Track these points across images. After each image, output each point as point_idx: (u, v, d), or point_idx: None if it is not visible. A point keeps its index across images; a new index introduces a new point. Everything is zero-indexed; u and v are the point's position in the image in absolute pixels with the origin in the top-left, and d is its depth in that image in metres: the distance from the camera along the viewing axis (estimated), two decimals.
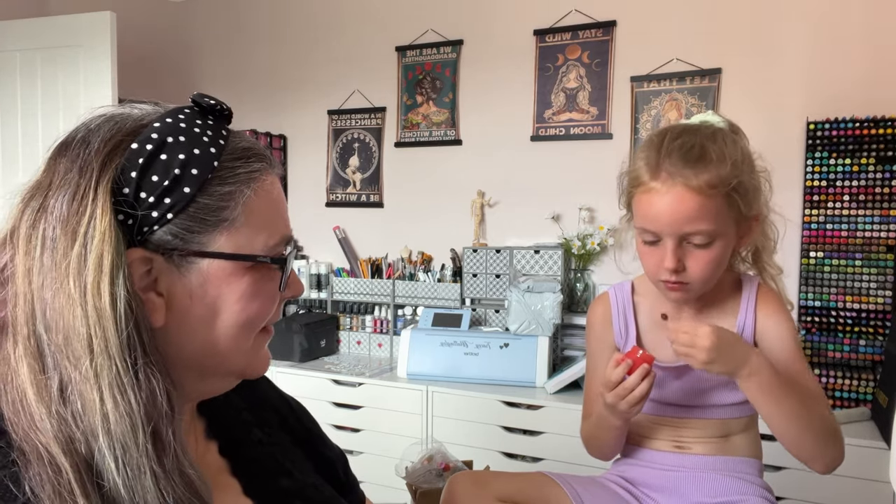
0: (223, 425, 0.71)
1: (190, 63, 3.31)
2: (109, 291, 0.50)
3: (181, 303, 0.56)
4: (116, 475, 0.48)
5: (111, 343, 0.50)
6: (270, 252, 0.60)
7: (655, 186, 1.02)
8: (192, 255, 0.56)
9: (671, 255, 1.02)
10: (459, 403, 2.23)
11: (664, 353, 1.15)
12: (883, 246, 2.05)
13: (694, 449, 1.15)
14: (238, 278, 0.58)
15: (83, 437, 0.49)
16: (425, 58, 2.79)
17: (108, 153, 0.53)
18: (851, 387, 1.98)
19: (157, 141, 0.55)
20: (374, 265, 2.81)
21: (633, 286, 1.22)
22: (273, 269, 0.61)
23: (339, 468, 0.83)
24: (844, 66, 2.16)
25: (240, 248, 0.58)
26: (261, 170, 0.60)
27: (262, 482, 0.68)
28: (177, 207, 0.54)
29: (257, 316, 0.60)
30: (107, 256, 0.50)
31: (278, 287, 0.62)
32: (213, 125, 0.59)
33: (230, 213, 0.57)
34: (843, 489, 1.76)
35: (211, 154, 0.57)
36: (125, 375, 0.50)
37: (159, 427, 0.50)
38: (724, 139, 1.04)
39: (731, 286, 1.15)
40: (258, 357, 0.64)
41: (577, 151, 2.55)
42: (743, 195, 1.02)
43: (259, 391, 0.79)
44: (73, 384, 0.49)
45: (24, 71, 2.68)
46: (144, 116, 0.58)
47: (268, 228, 0.60)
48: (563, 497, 1.17)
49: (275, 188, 0.62)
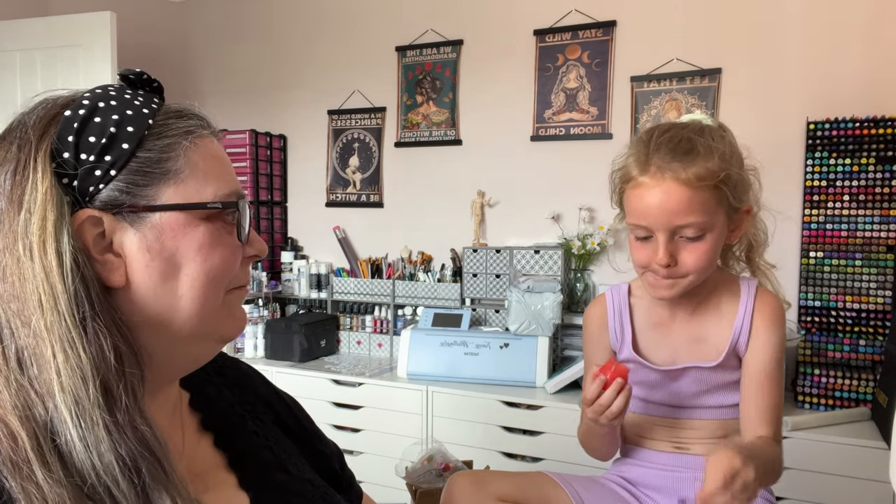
0: (216, 418, 0.70)
1: (190, 63, 3.31)
2: (55, 249, 0.51)
3: (139, 259, 0.56)
4: (71, 427, 0.49)
5: (60, 299, 0.51)
6: (222, 200, 0.60)
7: (645, 181, 1.03)
8: (142, 209, 0.56)
9: (663, 249, 1.03)
10: (459, 403, 2.23)
11: (660, 356, 1.15)
12: (883, 246, 2.05)
13: (693, 449, 1.15)
14: (193, 228, 0.58)
15: (39, 398, 0.50)
16: (425, 58, 2.79)
17: (45, 125, 0.56)
18: (851, 387, 1.98)
19: (89, 106, 0.57)
20: (374, 265, 2.81)
21: (630, 288, 1.22)
22: (228, 221, 0.61)
23: (335, 462, 0.83)
24: (844, 66, 2.16)
25: (189, 198, 0.59)
26: (197, 126, 0.61)
27: (257, 476, 0.68)
28: (118, 164, 0.56)
29: (221, 266, 0.60)
30: (49, 216, 0.52)
31: (237, 237, 0.62)
32: (143, 94, 0.61)
33: (173, 164, 0.58)
34: (843, 489, 1.76)
35: (144, 113, 0.58)
36: (73, 330, 0.51)
37: (108, 381, 0.51)
38: (712, 134, 1.05)
39: (726, 288, 1.15)
40: (232, 316, 0.64)
41: (577, 151, 2.55)
42: (732, 188, 1.03)
43: (252, 387, 0.78)
44: (28, 347, 0.51)
45: (24, 71, 2.69)
46: (76, 93, 0.60)
47: (216, 180, 0.61)
48: (564, 497, 1.17)
49: (215, 145, 0.63)
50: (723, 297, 1.14)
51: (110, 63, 2.55)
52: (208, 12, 3.25)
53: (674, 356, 1.14)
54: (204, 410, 0.70)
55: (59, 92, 0.60)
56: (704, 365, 1.11)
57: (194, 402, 0.70)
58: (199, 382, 0.71)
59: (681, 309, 1.14)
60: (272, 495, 0.67)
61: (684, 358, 1.13)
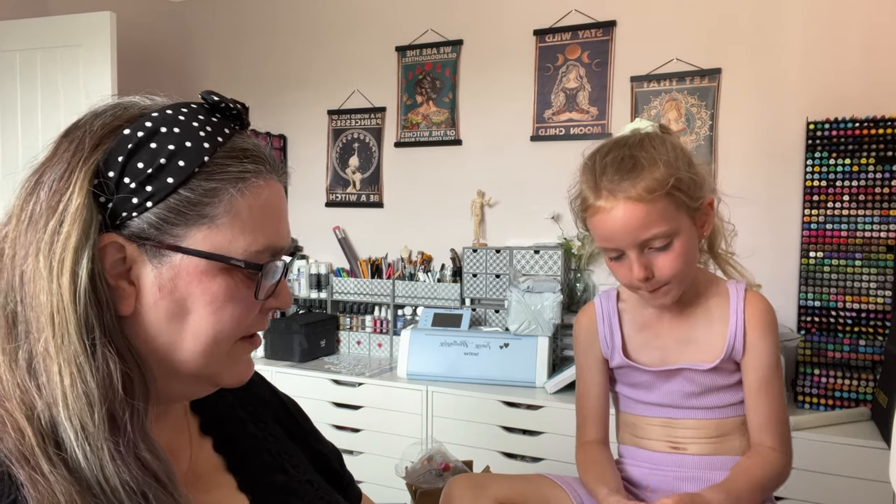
0: (217, 421, 0.71)
1: (190, 63, 3.31)
2: (72, 269, 0.51)
3: (150, 294, 0.55)
4: (76, 447, 0.49)
5: (70, 321, 0.50)
6: (250, 258, 0.57)
7: (601, 205, 1.04)
8: (166, 247, 0.55)
9: (637, 265, 1.04)
10: (459, 403, 2.23)
11: (650, 358, 1.16)
12: (883, 246, 2.05)
13: (690, 449, 1.15)
14: (210, 279, 0.56)
15: (46, 407, 0.49)
16: (425, 58, 2.79)
17: (103, 136, 0.55)
18: (851, 387, 1.98)
19: (150, 129, 0.55)
20: (374, 265, 2.81)
21: (618, 293, 1.23)
22: (252, 275, 0.58)
23: (334, 462, 0.83)
24: (844, 66, 2.16)
25: (217, 247, 0.56)
26: (254, 171, 0.58)
27: (257, 478, 0.68)
28: (157, 197, 0.54)
29: (229, 323, 0.58)
30: (74, 234, 0.51)
31: (254, 295, 0.59)
32: (216, 122, 0.58)
33: (211, 210, 0.56)
34: (843, 489, 1.76)
35: (203, 149, 0.56)
36: (82, 355, 0.50)
37: (114, 409, 0.51)
38: (652, 143, 1.05)
39: (714, 290, 1.15)
40: (237, 365, 0.62)
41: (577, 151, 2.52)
42: (685, 189, 1.03)
43: (252, 388, 0.79)
44: (38, 357, 0.50)
45: (24, 71, 2.69)
46: (150, 106, 0.58)
47: (252, 233, 0.58)
48: (564, 497, 1.17)
49: (268, 193, 0.59)
50: (711, 300, 1.15)
51: (110, 63, 2.55)
52: (208, 12, 3.25)
53: (664, 357, 1.15)
54: (205, 413, 0.71)
55: (135, 98, 0.59)
56: (697, 367, 1.11)
57: (195, 405, 0.70)
58: None
59: (668, 310, 1.15)
60: (272, 497, 0.68)
61: (675, 358, 1.14)
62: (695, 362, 1.12)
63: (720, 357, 1.10)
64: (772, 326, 1.11)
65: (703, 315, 1.14)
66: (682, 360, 1.13)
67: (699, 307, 1.15)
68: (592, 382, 1.23)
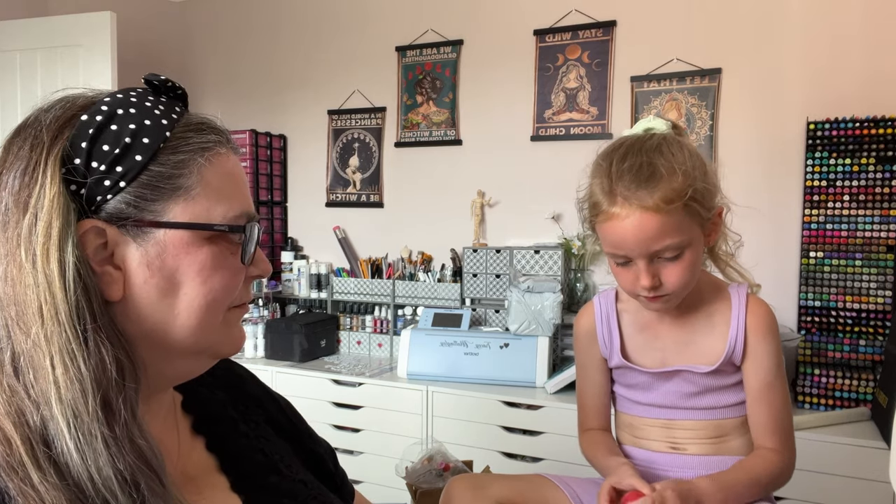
0: (209, 420, 0.70)
1: (190, 63, 3.31)
2: (58, 258, 0.51)
3: (139, 274, 0.55)
4: (68, 439, 0.48)
5: (60, 310, 0.50)
6: (230, 222, 0.59)
7: (615, 211, 1.01)
8: (147, 224, 0.55)
9: (646, 274, 1.02)
10: (459, 403, 2.23)
11: (649, 359, 1.16)
12: (883, 246, 2.05)
13: (689, 449, 1.15)
14: (197, 248, 0.57)
15: (35, 406, 0.49)
16: (425, 58, 2.79)
17: (59, 127, 0.54)
18: (851, 387, 1.98)
19: (108, 112, 0.56)
20: (374, 265, 2.81)
21: (616, 293, 1.22)
22: (234, 242, 0.60)
23: (328, 461, 0.83)
24: (844, 65, 2.16)
25: (196, 217, 0.57)
26: (216, 141, 0.60)
27: (250, 479, 0.68)
28: (129, 175, 0.54)
29: (221, 290, 0.59)
30: (55, 224, 0.51)
31: (240, 260, 0.61)
32: (166, 102, 0.60)
33: (185, 181, 0.57)
34: (843, 489, 1.76)
35: (163, 125, 0.57)
36: (74, 342, 0.50)
37: (109, 395, 0.50)
38: (671, 149, 1.02)
39: (716, 293, 1.15)
40: (230, 334, 0.63)
41: (577, 151, 2.55)
42: (700, 200, 1.01)
43: (244, 388, 0.78)
44: (25, 353, 0.50)
45: (24, 71, 2.69)
46: (97, 95, 0.59)
47: (227, 200, 0.59)
48: (563, 498, 1.17)
49: (231, 162, 0.62)
50: (713, 304, 1.14)
51: (110, 63, 2.55)
52: (209, 12, 3.25)
53: (664, 358, 1.14)
54: (197, 412, 0.70)
55: (80, 91, 0.59)
56: (697, 370, 1.11)
57: (187, 404, 0.70)
58: (191, 384, 0.71)
59: (668, 312, 1.14)
60: (264, 497, 0.67)
61: (675, 360, 1.13)
62: (694, 364, 1.12)
63: (720, 360, 1.10)
64: (773, 332, 1.11)
65: (705, 319, 1.13)
66: (681, 362, 1.13)
67: (700, 311, 1.14)
68: (593, 382, 1.23)
